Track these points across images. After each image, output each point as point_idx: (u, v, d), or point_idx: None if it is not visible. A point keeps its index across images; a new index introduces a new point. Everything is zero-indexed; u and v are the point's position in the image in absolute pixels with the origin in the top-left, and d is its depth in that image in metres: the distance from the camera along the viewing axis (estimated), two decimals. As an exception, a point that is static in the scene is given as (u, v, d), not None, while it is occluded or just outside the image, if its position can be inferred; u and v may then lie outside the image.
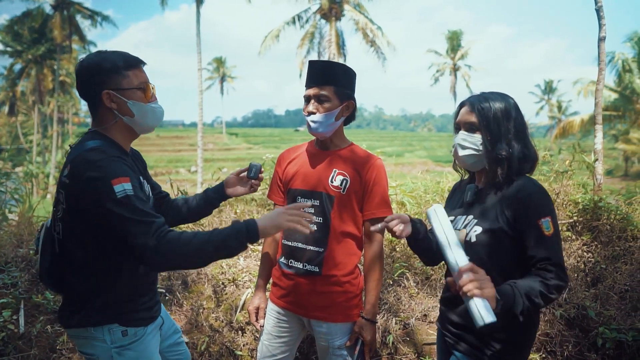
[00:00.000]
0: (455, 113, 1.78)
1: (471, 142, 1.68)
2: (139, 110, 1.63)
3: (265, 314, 2.15)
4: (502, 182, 1.64)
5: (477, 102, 1.68)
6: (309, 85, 1.99)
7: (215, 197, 2.03)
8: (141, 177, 1.73)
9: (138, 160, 1.84)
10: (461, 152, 1.71)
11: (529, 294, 1.44)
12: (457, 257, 1.40)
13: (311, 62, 2.01)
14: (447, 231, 1.44)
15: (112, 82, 1.58)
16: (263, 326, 2.14)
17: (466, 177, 1.90)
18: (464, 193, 1.77)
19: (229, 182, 2.04)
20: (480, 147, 1.67)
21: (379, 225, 1.72)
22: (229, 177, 2.06)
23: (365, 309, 1.99)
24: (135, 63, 1.63)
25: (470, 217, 1.68)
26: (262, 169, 2.06)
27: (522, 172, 1.66)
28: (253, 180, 2.03)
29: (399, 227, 1.70)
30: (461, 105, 1.74)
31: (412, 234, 1.76)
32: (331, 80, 1.95)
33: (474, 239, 1.62)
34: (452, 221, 1.74)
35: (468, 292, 1.33)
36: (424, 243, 1.81)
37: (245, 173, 2.06)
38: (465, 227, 1.68)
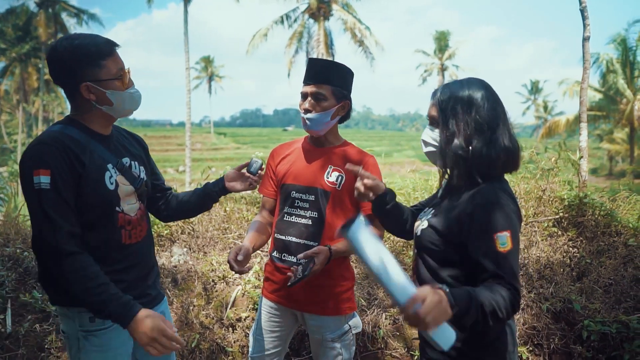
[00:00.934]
0: None
1: (432, 138, 1.54)
2: (117, 98, 1.63)
3: (245, 255, 1.92)
4: (468, 184, 1.47)
5: (439, 93, 1.53)
6: (306, 82, 2.00)
7: (214, 190, 2.00)
8: (129, 159, 1.74)
9: (131, 142, 1.85)
10: (424, 149, 1.59)
11: (485, 308, 1.25)
12: (399, 289, 1.13)
13: (311, 60, 2.04)
14: (377, 255, 1.15)
15: (90, 74, 1.57)
16: (240, 264, 1.91)
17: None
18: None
19: (228, 176, 2.02)
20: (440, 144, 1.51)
21: (355, 169, 1.62)
22: (229, 171, 2.04)
23: (339, 244, 1.91)
24: (110, 51, 1.61)
25: (432, 211, 1.57)
26: (263, 166, 2.02)
27: (492, 173, 1.46)
28: (252, 176, 1.99)
29: (361, 187, 1.59)
30: (430, 96, 1.59)
31: (377, 202, 1.64)
32: (330, 80, 1.97)
33: (419, 233, 1.56)
34: (424, 212, 1.64)
35: (423, 329, 1.13)
36: (394, 211, 1.68)
37: (246, 168, 2.03)
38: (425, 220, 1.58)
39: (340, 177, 2.01)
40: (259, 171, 2.00)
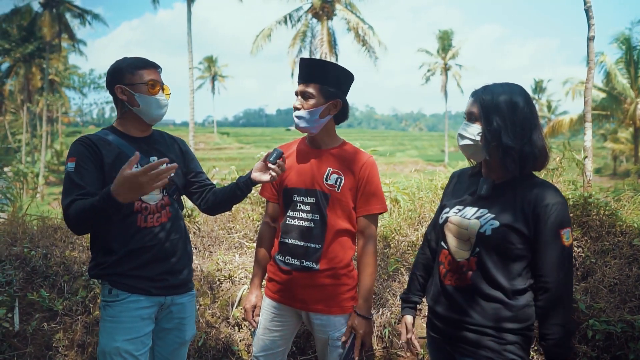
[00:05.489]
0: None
1: (469, 132, 1.70)
2: (143, 101, 1.93)
3: (260, 311, 2.18)
4: (521, 179, 1.65)
5: (481, 93, 1.69)
6: (298, 82, 2.05)
7: (242, 182, 2.05)
8: (157, 158, 1.98)
9: (167, 145, 2.09)
10: (461, 142, 1.73)
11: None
12: None
13: (301, 60, 2.06)
14: None
15: (125, 78, 1.92)
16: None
17: (475, 165, 1.86)
18: (478, 184, 1.75)
19: (255, 167, 2.05)
20: (477, 138, 1.67)
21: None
22: (257, 163, 2.07)
23: (358, 304, 2.03)
24: (147, 65, 1.95)
25: (485, 210, 1.68)
26: (284, 156, 2.01)
27: (532, 168, 1.67)
28: (272, 166, 1.96)
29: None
30: (470, 95, 1.76)
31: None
32: (317, 78, 1.99)
33: (489, 232, 1.63)
34: (459, 210, 1.75)
35: None
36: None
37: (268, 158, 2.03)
38: (477, 218, 1.67)
39: (339, 179, 2.03)
40: (278, 160, 1.98)
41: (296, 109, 2.02)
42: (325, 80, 1.99)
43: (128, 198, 1.64)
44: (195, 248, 3.81)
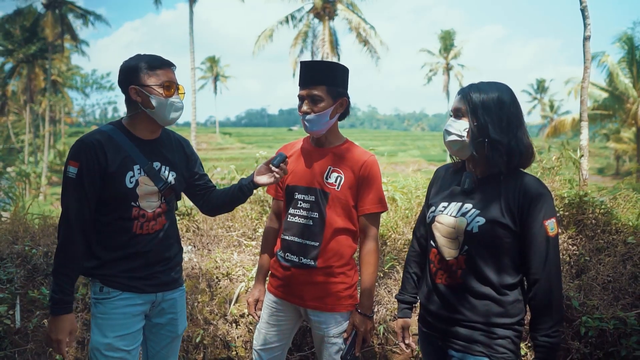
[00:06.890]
0: None
1: (455, 128, 1.71)
2: (158, 103, 1.87)
3: (262, 305, 2.23)
4: (504, 174, 1.66)
5: (467, 90, 1.72)
6: (302, 86, 2.04)
7: (244, 184, 2.08)
8: (159, 163, 1.96)
9: (172, 148, 2.04)
10: (447, 138, 1.74)
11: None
12: None
13: (302, 63, 2.07)
14: None
15: (139, 79, 1.87)
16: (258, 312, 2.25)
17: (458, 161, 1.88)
18: (461, 179, 1.76)
19: (258, 170, 2.08)
20: (464, 134, 1.69)
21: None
22: (259, 165, 2.11)
23: (360, 302, 2.05)
24: (162, 65, 1.90)
25: (469, 205, 1.69)
26: (287, 160, 2.06)
27: (518, 164, 1.68)
28: (275, 169, 2.02)
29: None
30: (457, 93, 1.78)
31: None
32: (323, 80, 2.00)
33: (476, 230, 1.64)
34: (444, 207, 1.76)
35: None
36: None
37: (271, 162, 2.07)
38: (463, 215, 1.69)
39: (339, 178, 2.05)
40: (282, 164, 2.02)
41: (305, 113, 2.01)
42: (330, 81, 2.01)
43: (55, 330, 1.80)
44: (194, 246, 3.85)
